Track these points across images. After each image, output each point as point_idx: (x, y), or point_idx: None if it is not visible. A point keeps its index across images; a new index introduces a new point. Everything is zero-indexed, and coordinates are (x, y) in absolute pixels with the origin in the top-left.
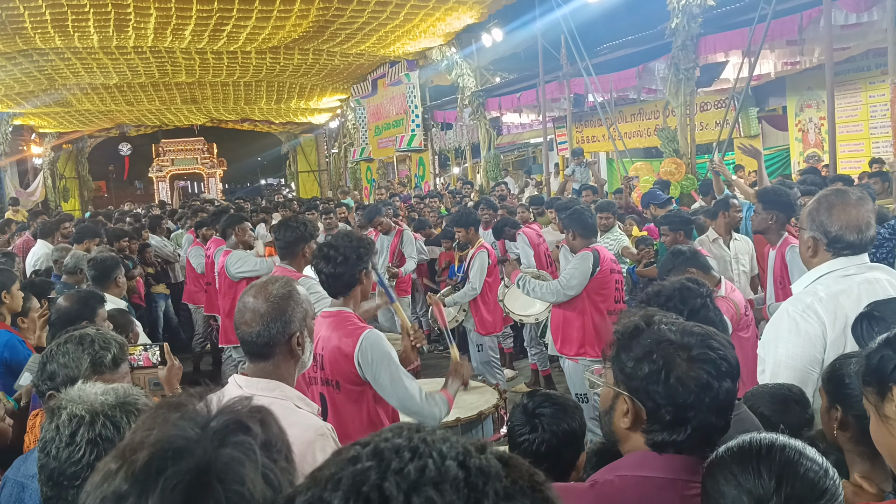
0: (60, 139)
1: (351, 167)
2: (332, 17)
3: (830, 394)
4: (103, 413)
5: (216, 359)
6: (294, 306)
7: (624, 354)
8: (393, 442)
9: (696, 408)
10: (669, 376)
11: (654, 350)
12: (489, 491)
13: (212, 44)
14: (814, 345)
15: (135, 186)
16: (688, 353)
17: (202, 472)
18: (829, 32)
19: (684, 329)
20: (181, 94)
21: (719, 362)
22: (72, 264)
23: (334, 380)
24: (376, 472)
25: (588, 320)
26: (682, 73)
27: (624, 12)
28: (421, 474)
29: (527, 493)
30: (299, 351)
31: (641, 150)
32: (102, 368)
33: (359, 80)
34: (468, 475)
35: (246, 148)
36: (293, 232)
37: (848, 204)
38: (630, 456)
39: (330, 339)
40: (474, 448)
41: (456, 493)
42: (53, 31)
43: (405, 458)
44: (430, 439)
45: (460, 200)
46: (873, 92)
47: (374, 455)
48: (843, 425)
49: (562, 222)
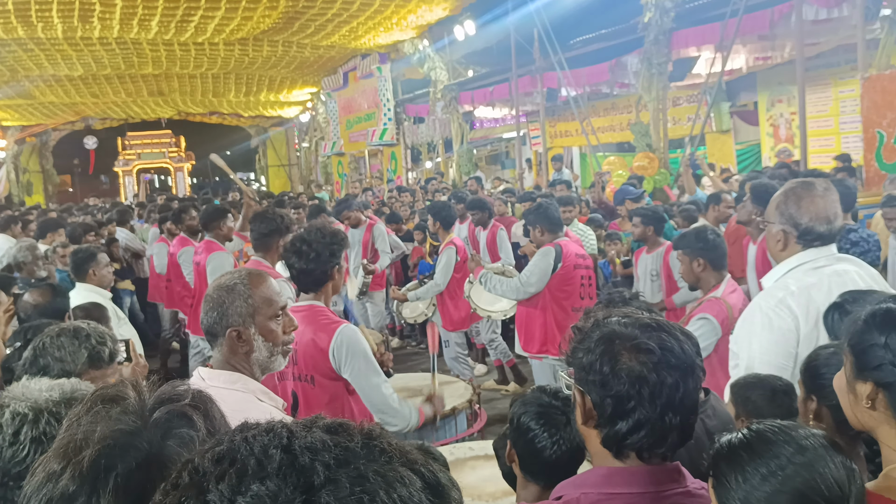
0: (23, 132)
1: (322, 161)
2: (302, 7)
3: (806, 384)
4: (48, 410)
5: (184, 355)
6: (233, 299)
7: (576, 347)
8: (213, 451)
9: (635, 400)
10: (604, 366)
11: (598, 340)
12: (317, 466)
13: (179, 35)
14: (787, 340)
15: (100, 181)
16: (629, 343)
17: (151, 466)
18: (799, 28)
19: (635, 321)
20: (148, 87)
21: (661, 353)
22: (20, 258)
23: (309, 374)
24: (196, 488)
25: (550, 317)
26: (655, 68)
27: (597, 6)
28: (244, 474)
29: (360, 453)
30: (242, 346)
31: (614, 145)
32: (100, 363)
33: (329, 73)
34: (294, 458)
35: (215, 142)
36: (269, 224)
37: (815, 195)
38: (594, 471)
39: (304, 333)
40: (300, 428)
41: (282, 479)
42: (16, 21)
43: (224, 464)
44: (250, 436)
45: (432, 196)
46: (843, 87)
47: (194, 472)
48: (817, 416)
49: (527, 218)
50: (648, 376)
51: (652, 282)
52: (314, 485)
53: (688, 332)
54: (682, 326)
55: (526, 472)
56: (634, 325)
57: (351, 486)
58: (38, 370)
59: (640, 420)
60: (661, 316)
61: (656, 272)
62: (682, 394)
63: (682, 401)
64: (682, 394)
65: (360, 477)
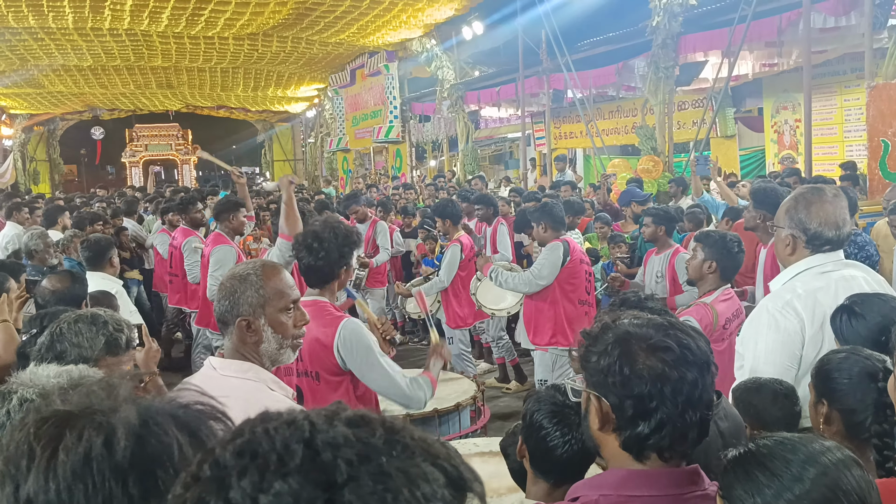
0: (31, 121)
1: (327, 157)
2: (312, 4)
3: (818, 388)
4: None
5: (188, 347)
6: (245, 289)
7: (588, 352)
8: (234, 443)
9: (658, 399)
10: (624, 367)
11: (613, 343)
12: (340, 463)
13: (189, 28)
14: (793, 341)
15: (107, 171)
16: (646, 342)
17: None
18: (807, 35)
19: (648, 322)
20: (156, 79)
21: (680, 351)
22: (32, 245)
23: (314, 371)
24: (217, 483)
25: (560, 310)
26: (662, 72)
27: (605, 9)
28: (265, 470)
29: (382, 449)
30: (251, 336)
31: (619, 148)
32: (117, 350)
33: (337, 70)
34: (316, 454)
35: (221, 135)
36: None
37: (825, 201)
38: (613, 472)
39: (308, 329)
40: (322, 420)
41: (304, 477)
42: (28, 10)
43: (245, 458)
44: (271, 428)
45: (437, 193)
46: (848, 96)
47: (215, 465)
48: (828, 420)
49: (531, 216)
50: (670, 374)
51: (657, 283)
52: (336, 482)
53: (698, 329)
54: (690, 325)
55: (536, 468)
56: (647, 325)
57: (374, 483)
58: (55, 356)
59: (662, 419)
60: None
61: (661, 273)
62: (700, 390)
63: (701, 397)
64: (700, 390)
65: (382, 474)
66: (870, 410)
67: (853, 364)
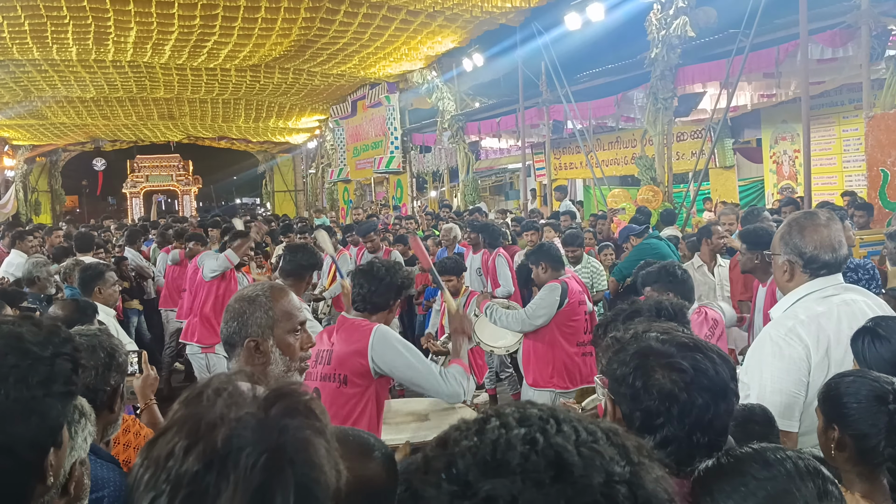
0: (34, 152)
1: (328, 188)
2: (313, 36)
3: (827, 413)
4: None
5: (189, 374)
6: (254, 310)
7: (612, 358)
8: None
9: (665, 416)
10: (636, 380)
11: (633, 354)
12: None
13: (191, 60)
14: (798, 368)
15: (108, 202)
16: (663, 360)
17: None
18: (805, 66)
19: (672, 339)
20: (158, 110)
21: (694, 374)
22: (36, 273)
23: (342, 374)
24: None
25: (559, 352)
26: (661, 103)
27: (604, 41)
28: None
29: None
30: (259, 358)
31: (618, 178)
32: None
33: (338, 101)
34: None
35: (222, 166)
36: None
37: (819, 224)
38: None
39: (341, 336)
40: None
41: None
42: (32, 42)
43: (551, 423)
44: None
45: (436, 223)
46: (847, 126)
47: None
48: (840, 445)
49: (529, 258)
50: (679, 395)
51: None
52: None
53: (724, 354)
54: (720, 348)
55: None
56: (671, 342)
57: None
58: None
59: (668, 436)
60: None
61: None
62: (711, 415)
63: (712, 422)
64: (711, 415)
65: None
66: (882, 434)
67: (861, 387)
